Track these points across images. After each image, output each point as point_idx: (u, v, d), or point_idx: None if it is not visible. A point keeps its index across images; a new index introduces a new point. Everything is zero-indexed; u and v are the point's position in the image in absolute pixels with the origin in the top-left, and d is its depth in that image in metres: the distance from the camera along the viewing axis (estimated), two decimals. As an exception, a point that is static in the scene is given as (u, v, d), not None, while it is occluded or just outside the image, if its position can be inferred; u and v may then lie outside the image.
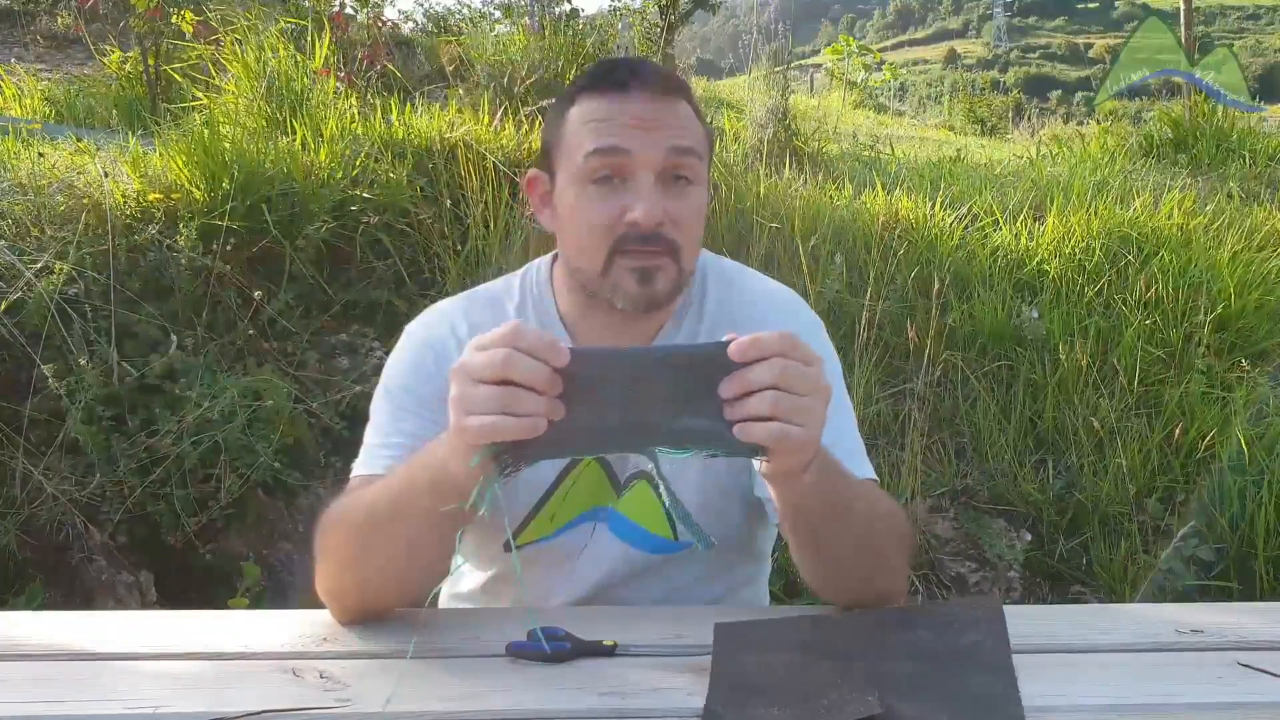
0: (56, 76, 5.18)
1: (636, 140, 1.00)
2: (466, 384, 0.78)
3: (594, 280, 1.04)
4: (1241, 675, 0.90)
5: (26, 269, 2.35)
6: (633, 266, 1.01)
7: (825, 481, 0.89)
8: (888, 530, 1.01)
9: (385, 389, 1.11)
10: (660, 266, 1.01)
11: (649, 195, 1.00)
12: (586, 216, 1.02)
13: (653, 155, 1.00)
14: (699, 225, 1.06)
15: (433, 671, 0.90)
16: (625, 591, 1.14)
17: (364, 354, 2.79)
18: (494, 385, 0.77)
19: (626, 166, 1.01)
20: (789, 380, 0.78)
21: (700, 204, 1.05)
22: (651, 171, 1.00)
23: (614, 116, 1.01)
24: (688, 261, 1.05)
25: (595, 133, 1.01)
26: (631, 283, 1.01)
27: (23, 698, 0.84)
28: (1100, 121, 7.50)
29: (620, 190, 1.01)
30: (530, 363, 0.76)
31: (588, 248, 1.03)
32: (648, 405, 0.79)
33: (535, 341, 0.77)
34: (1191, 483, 2.83)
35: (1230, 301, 3.42)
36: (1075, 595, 2.71)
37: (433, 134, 3.40)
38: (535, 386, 0.76)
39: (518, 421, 0.76)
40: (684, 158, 1.02)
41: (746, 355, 0.78)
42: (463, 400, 0.78)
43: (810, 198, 3.78)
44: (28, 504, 2.21)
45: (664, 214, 1.00)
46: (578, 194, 1.03)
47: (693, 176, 1.03)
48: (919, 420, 2.82)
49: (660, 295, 1.03)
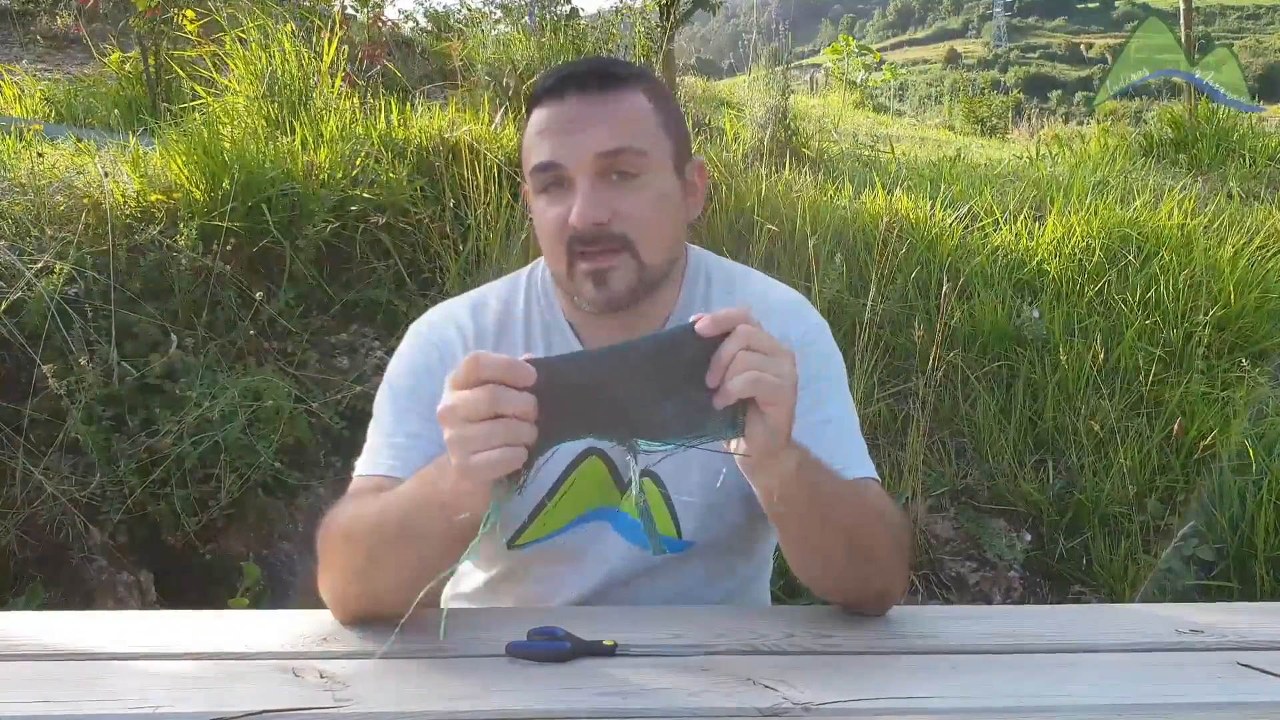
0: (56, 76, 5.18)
1: (565, 150, 1.02)
2: (461, 426, 0.80)
3: (564, 283, 1.07)
4: (1241, 675, 0.90)
5: (26, 269, 2.35)
6: (586, 270, 1.03)
7: (806, 475, 0.90)
8: (881, 530, 1.01)
9: (389, 388, 1.11)
10: (613, 266, 1.03)
11: (582, 198, 1.01)
12: (542, 225, 1.06)
13: (583, 160, 1.02)
14: (658, 215, 1.05)
15: (433, 671, 0.90)
16: (628, 591, 1.14)
17: (364, 354, 2.79)
18: (488, 422, 0.79)
19: (563, 175, 1.03)
20: (756, 340, 0.81)
21: (654, 193, 1.05)
22: (586, 176, 1.02)
23: (549, 126, 1.04)
24: (649, 253, 1.05)
25: (535, 147, 1.05)
26: (589, 287, 1.03)
27: (23, 698, 0.84)
28: (1100, 121, 7.50)
29: (566, 195, 1.03)
30: (514, 394, 0.79)
31: (551, 253, 1.06)
32: (625, 399, 0.81)
33: (498, 372, 0.79)
34: (1191, 483, 2.83)
35: (1230, 301, 3.42)
36: (1075, 595, 2.71)
37: (433, 134, 3.40)
38: (525, 416, 0.79)
39: (517, 450, 0.79)
40: (617, 156, 1.02)
41: (716, 328, 0.81)
42: (462, 442, 0.80)
43: (810, 198, 3.78)
44: (28, 504, 2.21)
45: (608, 212, 1.01)
46: (535, 204, 1.08)
47: (636, 169, 1.03)
48: (919, 420, 2.82)
49: (619, 295, 1.04)
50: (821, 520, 0.95)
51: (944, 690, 0.87)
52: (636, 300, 1.06)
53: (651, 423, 0.82)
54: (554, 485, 1.10)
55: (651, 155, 1.05)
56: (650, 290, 1.07)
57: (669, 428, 0.82)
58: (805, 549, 0.99)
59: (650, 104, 1.06)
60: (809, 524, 0.96)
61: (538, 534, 1.12)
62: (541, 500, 1.10)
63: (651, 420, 0.81)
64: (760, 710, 0.82)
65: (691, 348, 0.81)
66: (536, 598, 1.16)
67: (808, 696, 0.84)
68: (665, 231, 1.07)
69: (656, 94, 1.08)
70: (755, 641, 0.96)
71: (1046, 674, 0.90)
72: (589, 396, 0.81)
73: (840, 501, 0.96)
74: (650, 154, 1.04)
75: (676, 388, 0.81)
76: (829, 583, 1.03)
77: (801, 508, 0.94)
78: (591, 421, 0.83)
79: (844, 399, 1.14)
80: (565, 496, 1.10)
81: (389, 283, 2.96)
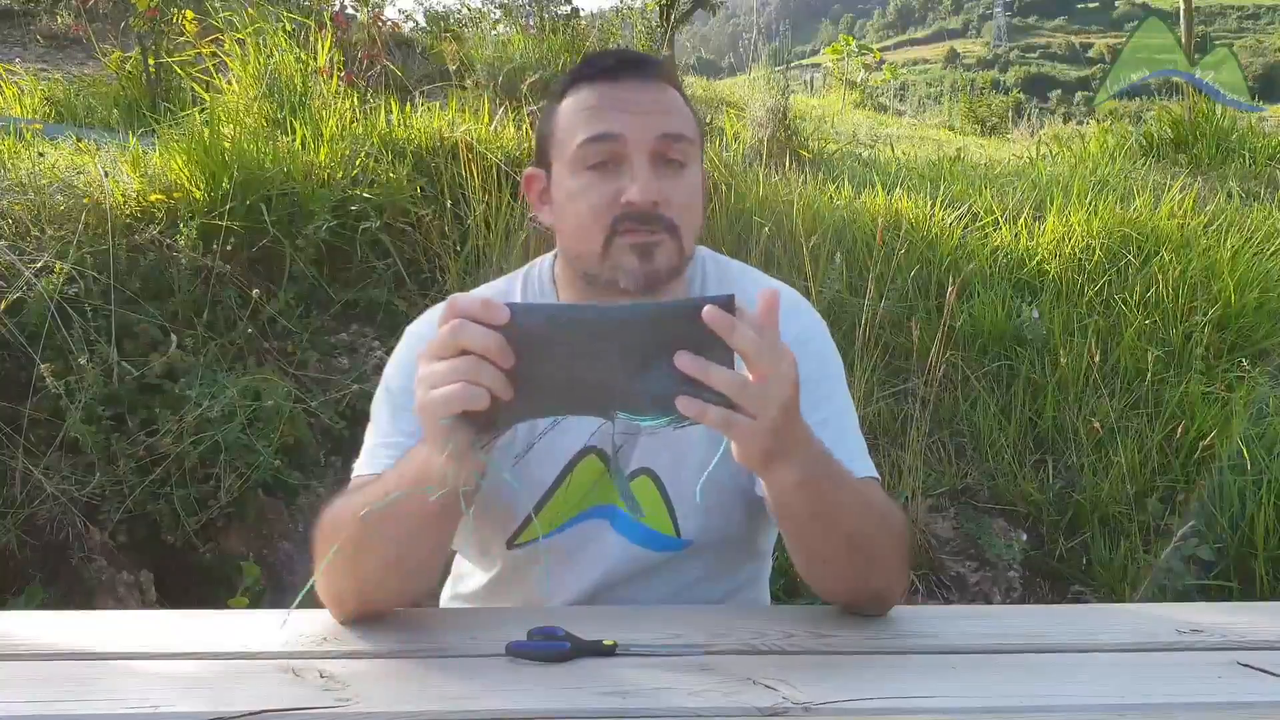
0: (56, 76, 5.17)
1: (629, 125, 1.02)
2: (426, 363, 0.79)
3: (594, 263, 1.05)
4: (1241, 675, 0.90)
5: (26, 269, 2.35)
6: (632, 243, 1.02)
7: (811, 484, 0.89)
8: (882, 531, 1.00)
9: (386, 389, 1.11)
10: (659, 243, 1.03)
11: (644, 176, 1.02)
12: (585, 200, 1.04)
13: (645, 139, 1.02)
14: (695, 207, 1.08)
15: (432, 671, 0.90)
16: (628, 590, 1.14)
17: (364, 354, 2.79)
18: (450, 359, 0.77)
19: (620, 151, 1.03)
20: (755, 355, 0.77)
21: (695, 186, 1.07)
22: (645, 154, 1.02)
23: (605, 103, 1.04)
24: (687, 242, 1.06)
25: (588, 120, 1.04)
26: (632, 259, 1.03)
27: (23, 698, 0.84)
28: (1100, 121, 7.49)
29: (615, 174, 1.03)
30: (478, 328, 0.76)
31: (587, 230, 1.04)
32: (608, 364, 0.78)
33: (470, 306, 0.77)
34: (1191, 483, 2.83)
35: (1230, 301, 3.42)
36: (1075, 595, 2.71)
37: (433, 134, 3.40)
38: (488, 353, 0.76)
39: (475, 389, 0.77)
40: (676, 142, 1.04)
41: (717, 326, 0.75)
42: (423, 378, 0.79)
43: (810, 198, 3.78)
44: (28, 504, 2.21)
45: (659, 194, 1.02)
46: (575, 180, 1.05)
47: (685, 160, 1.05)
48: (919, 420, 2.82)
49: (661, 271, 1.04)
50: (825, 529, 0.94)
51: (944, 690, 0.87)
52: (666, 285, 1.06)
53: (630, 392, 0.78)
54: (552, 484, 1.10)
55: (695, 147, 1.08)
56: (677, 279, 1.08)
57: (648, 402, 0.78)
58: (807, 552, 0.99)
59: (685, 103, 1.10)
60: (811, 531, 0.95)
61: (536, 533, 1.12)
62: (541, 499, 1.10)
63: (630, 390, 0.78)
64: (760, 710, 0.82)
65: (688, 327, 0.76)
66: (537, 597, 1.16)
67: (808, 696, 0.84)
68: (699, 224, 1.09)
69: (686, 96, 1.12)
70: (755, 641, 0.96)
71: (1046, 674, 0.90)
72: (574, 349, 0.78)
73: (845, 511, 0.95)
74: (695, 145, 1.08)
75: (661, 360, 0.77)
76: (827, 581, 1.03)
77: (803, 518, 0.93)
78: (568, 386, 0.79)
79: (843, 398, 1.13)
80: (563, 495, 1.10)
81: (389, 282, 2.96)
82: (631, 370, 0.78)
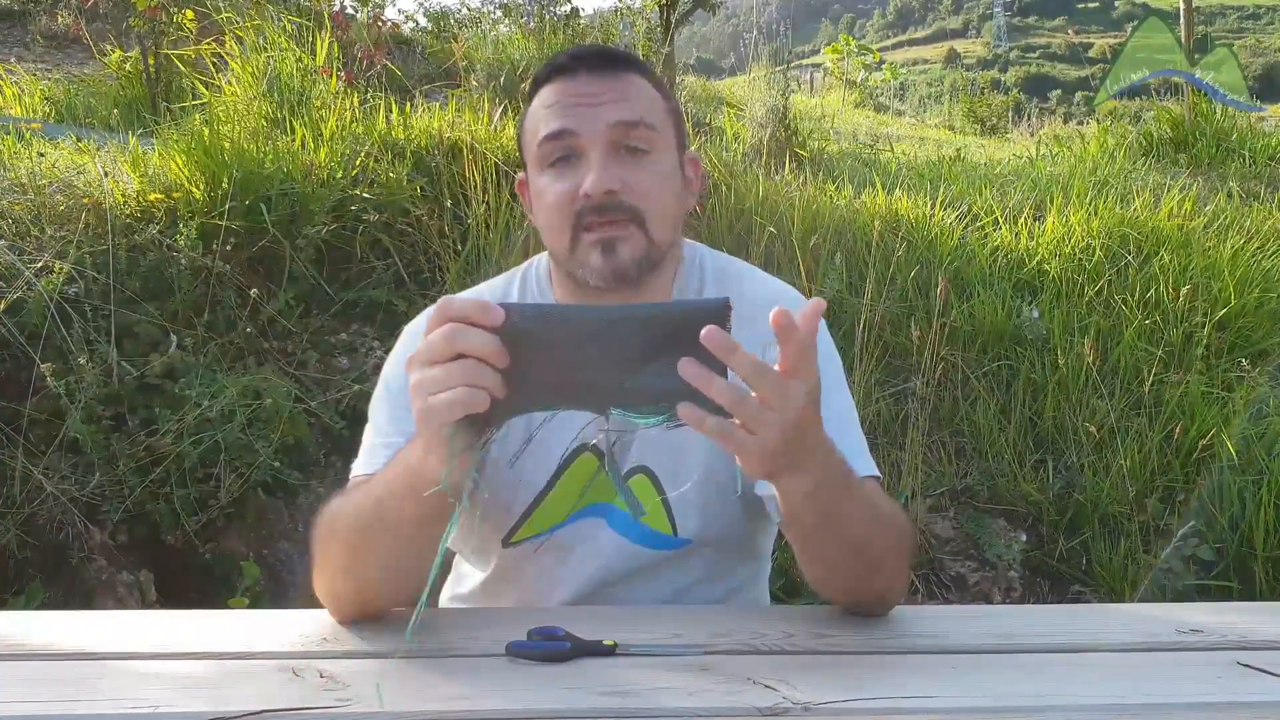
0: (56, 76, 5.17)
1: (580, 119, 1.04)
2: (421, 370, 0.78)
3: (567, 260, 1.06)
4: (1241, 675, 0.90)
5: (26, 268, 2.35)
6: (594, 240, 1.03)
7: (821, 494, 0.87)
8: (886, 533, 1.00)
9: (385, 389, 1.11)
10: (622, 236, 1.03)
11: (597, 167, 1.02)
12: (550, 198, 1.05)
13: (598, 129, 1.03)
14: (664, 193, 1.07)
15: (432, 671, 0.90)
16: (626, 590, 1.14)
17: (364, 354, 2.79)
18: (448, 363, 0.76)
19: (576, 145, 1.04)
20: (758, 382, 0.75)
21: (663, 172, 1.07)
22: (600, 146, 1.03)
23: (560, 100, 1.05)
24: (657, 230, 1.05)
25: (546, 119, 1.06)
26: (596, 256, 1.03)
27: (23, 698, 0.84)
28: (1100, 121, 7.49)
29: (576, 168, 1.04)
30: (475, 331, 0.76)
31: (557, 229, 1.05)
32: (602, 363, 0.77)
33: (465, 309, 0.76)
34: (1191, 483, 2.83)
35: (1230, 301, 3.42)
36: (1075, 595, 2.71)
37: (432, 133, 3.40)
38: (487, 356, 0.76)
39: (477, 393, 0.76)
40: (633, 128, 1.04)
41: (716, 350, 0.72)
42: (420, 385, 0.78)
43: (810, 198, 3.78)
44: (28, 504, 2.21)
45: (620, 182, 1.02)
46: (541, 180, 1.07)
47: (650, 146, 1.05)
48: (919, 420, 2.82)
49: (626, 265, 1.03)
50: (832, 535, 0.94)
51: (944, 690, 0.87)
52: (640, 276, 1.06)
53: (624, 390, 0.77)
54: (548, 482, 1.10)
55: (660, 133, 1.07)
56: (652, 269, 1.07)
57: (646, 399, 0.77)
58: (812, 555, 0.98)
59: (653, 89, 1.10)
60: (818, 537, 0.95)
61: (532, 531, 1.12)
62: (536, 497, 1.10)
63: (624, 388, 0.77)
64: (760, 710, 0.82)
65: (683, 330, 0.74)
66: (534, 596, 1.16)
67: (808, 696, 0.84)
68: (670, 210, 1.08)
69: (656, 82, 1.12)
70: (755, 641, 0.96)
71: (1046, 674, 0.90)
72: (570, 348, 0.77)
73: (852, 517, 0.94)
74: (660, 131, 1.07)
75: (656, 361, 0.76)
76: (831, 583, 1.03)
77: (810, 524, 0.92)
78: (562, 383, 0.78)
79: (843, 397, 1.13)
80: (559, 492, 1.10)
81: (389, 283, 2.96)
82: (626, 370, 0.77)
